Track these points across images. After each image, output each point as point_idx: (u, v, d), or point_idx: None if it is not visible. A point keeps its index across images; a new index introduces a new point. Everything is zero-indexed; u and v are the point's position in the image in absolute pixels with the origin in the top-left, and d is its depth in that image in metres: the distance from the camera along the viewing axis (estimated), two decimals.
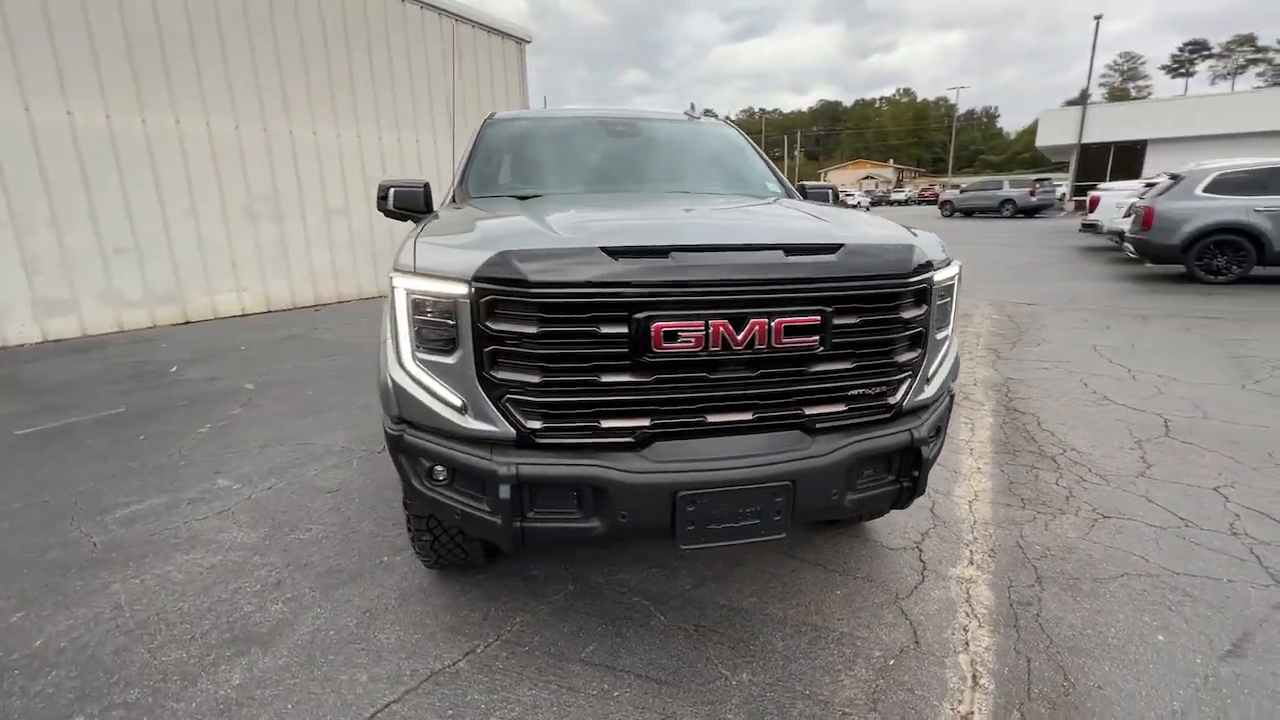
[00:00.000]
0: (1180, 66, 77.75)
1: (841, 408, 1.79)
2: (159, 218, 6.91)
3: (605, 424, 1.66)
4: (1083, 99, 32.56)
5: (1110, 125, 29.22)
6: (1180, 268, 9.26)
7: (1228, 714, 1.76)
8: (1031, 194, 28.38)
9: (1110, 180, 24.37)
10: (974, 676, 1.94)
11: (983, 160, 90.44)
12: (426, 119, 9.43)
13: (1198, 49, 76.74)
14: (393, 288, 1.76)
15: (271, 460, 3.52)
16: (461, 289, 1.62)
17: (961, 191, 32.59)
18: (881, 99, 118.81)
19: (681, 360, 1.62)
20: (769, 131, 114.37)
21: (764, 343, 1.62)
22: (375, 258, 9.08)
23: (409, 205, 2.87)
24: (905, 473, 1.90)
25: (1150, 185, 11.54)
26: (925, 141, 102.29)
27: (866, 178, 75.34)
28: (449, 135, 9.79)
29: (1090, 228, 14.40)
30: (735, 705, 1.83)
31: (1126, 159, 29.03)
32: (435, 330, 1.71)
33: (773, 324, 1.61)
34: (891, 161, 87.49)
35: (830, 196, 3.33)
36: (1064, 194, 32.27)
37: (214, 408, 4.41)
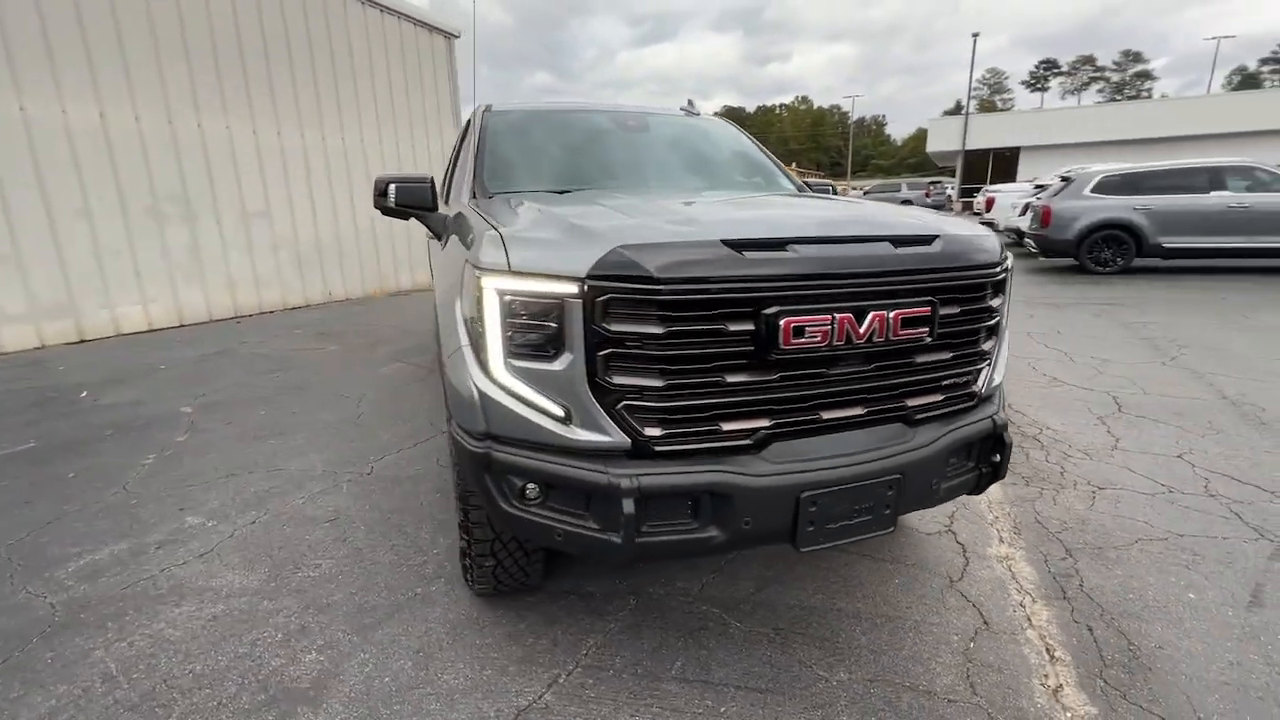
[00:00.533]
0: (1037, 82, 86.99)
1: (939, 397, 1.81)
2: (43, 219, 5.99)
3: (726, 427, 1.58)
4: (958, 110, 35.59)
5: (988, 134, 32.16)
6: (1072, 260, 10.29)
7: (1272, 659, 1.94)
8: (927, 195, 30.68)
9: (991, 182, 26.82)
10: (1048, 650, 2.02)
11: (874, 164, 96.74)
12: (353, 116, 8.80)
13: (1050, 67, 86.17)
14: (481, 290, 1.58)
15: (244, 491, 3.12)
16: (571, 288, 1.49)
17: (865, 193, 34.70)
18: (781, 105, 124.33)
19: (805, 356, 1.56)
20: None
21: (882, 335, 1.60)
22: (301, 263, 8.36)
23: (414, 202, 2.65)
24: (985, 458, 1.94)
25: (1041, 187, 12.76)
26: (823, 146, 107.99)
27: None
28: (379, 134, 9.20)
29: (986, 226, 15.73)
30: (843, 706, 1.80)
31: (1003, 163, 32.09)
32: (534, 335, 1.55)
33: (890, 316, 1.60)
34: (795, 165, 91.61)
35: (832, 192, 3.40)
36: (951, 195, 35.17)
37: (150, 435, 3.87)
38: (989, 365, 1.93)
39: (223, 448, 3.68)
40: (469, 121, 3.53)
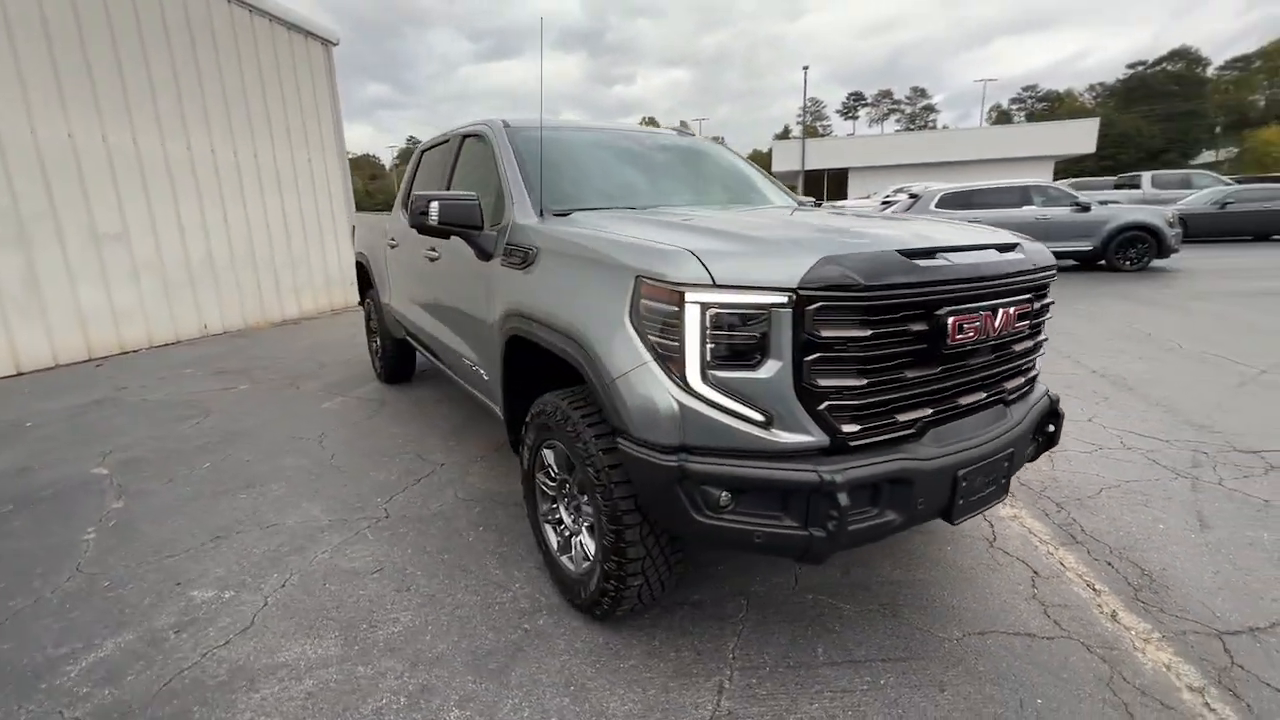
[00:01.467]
0: (848, 111, 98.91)
1: (1023, 380, 2.13)
2: None
3: (901, 418, 1.74)
4: (786, 134, 39.58)
5: (823, 156, 36.04)
6: None
7: (1239, 565, 2.50)
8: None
9: (827, 199, 30.08)
10: (1090, 585, 2.42)
11: None
12: (223, 125, 7.80)
13: (858, 99, 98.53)
14: (684, 304, 1.60)
15: (247, 554, 2.71)
16: (779, 298, 1.58)
17: None
18: None
19: (962, 350, 1.79)
20: None
21: (1005, 328, 1.87)
22: (169, 293, 7.22)
23: (460, 220, 2.54)
24: (1042, 429, 2.31)
25: (888, 203, 14.61)
26: None
27: None
28: (254, 146, 8.24)
29: None
30: (975, 657, 2.04)
31: (835, 182, 36.13)
32: (738, 345, 1.61)
33: (1011, 311, 1.87)
34: None
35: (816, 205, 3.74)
36: None
37: (69, 506, 3.18)
38: (1041, 353, 2.30)
39: (184, 509, 3.13)
40: (466, 138, 3.40)
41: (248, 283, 8.26)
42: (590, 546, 2.14)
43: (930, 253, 1.76)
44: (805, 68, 36.51)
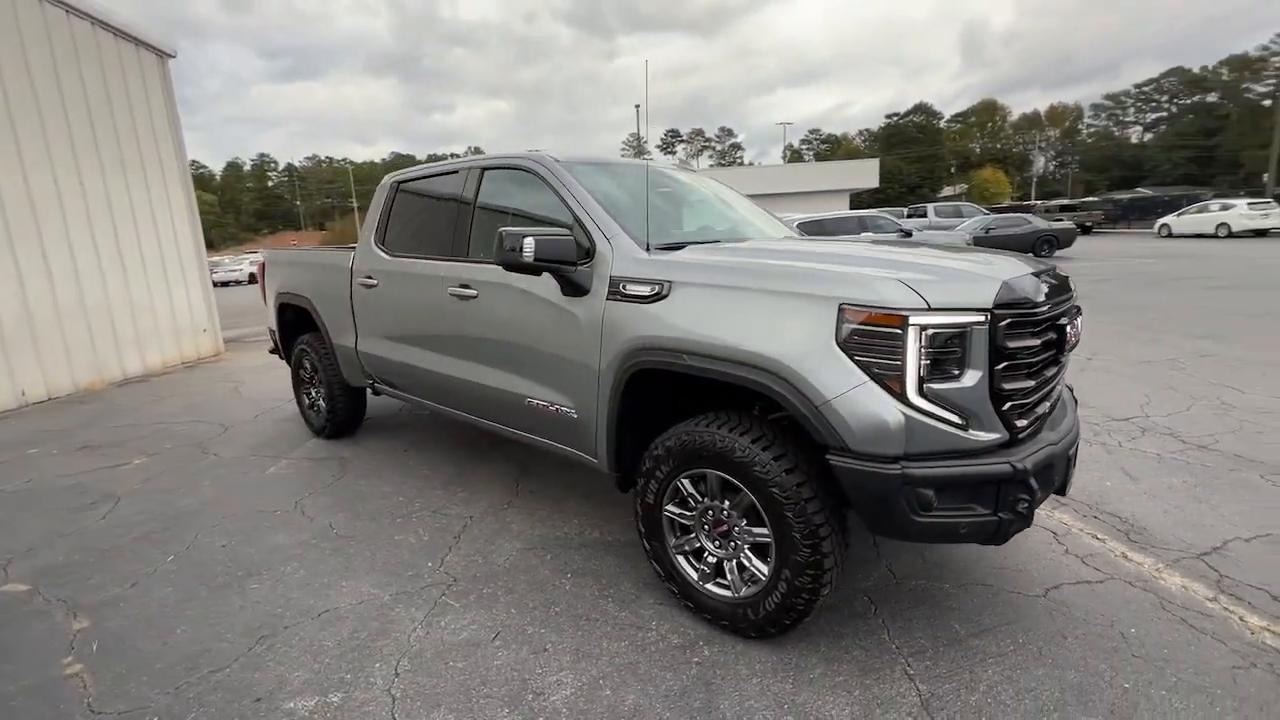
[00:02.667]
0: (667, 147, 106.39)
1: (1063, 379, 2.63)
2: None
3: (1037, 412, 2.10)
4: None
5: None
6: None
7: (1170, 503, 3.26)
8: None
9: None
10: (1096, 536, 3.01)
11: None
12: (37, 146, 6.34)
13: (675, 135, 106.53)
14: (906, 327, 1.79)
15: (316, 650, 2.31)
16: (978, 317, 1.85)
17: None
18: (453, 154, 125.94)
19: (1065, 354, 2.20)
20: (345, 182, 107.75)
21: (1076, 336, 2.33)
22: None
23: (558, 256, 2.52)
24: None
25: None
26: None
27: None
28: (79, 173, 6.80)
29: None
30: (1067, 607, 2.45)
31: None
32: (948, 359, 1.84)
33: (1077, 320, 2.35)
34: None
35: None
36: None
37: (16, 633, 2.43)
38: None
39: (182, 613, 2.56)
40: (489, 170, 3.27)
41: (76, 338, 6.73)
42: (761, 567, 2.20)
43: (1039, 275, 2.16)
44: (637, 105, 38.83)
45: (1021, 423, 1.98)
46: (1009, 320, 1.89)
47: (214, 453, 4.56)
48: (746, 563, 2.25)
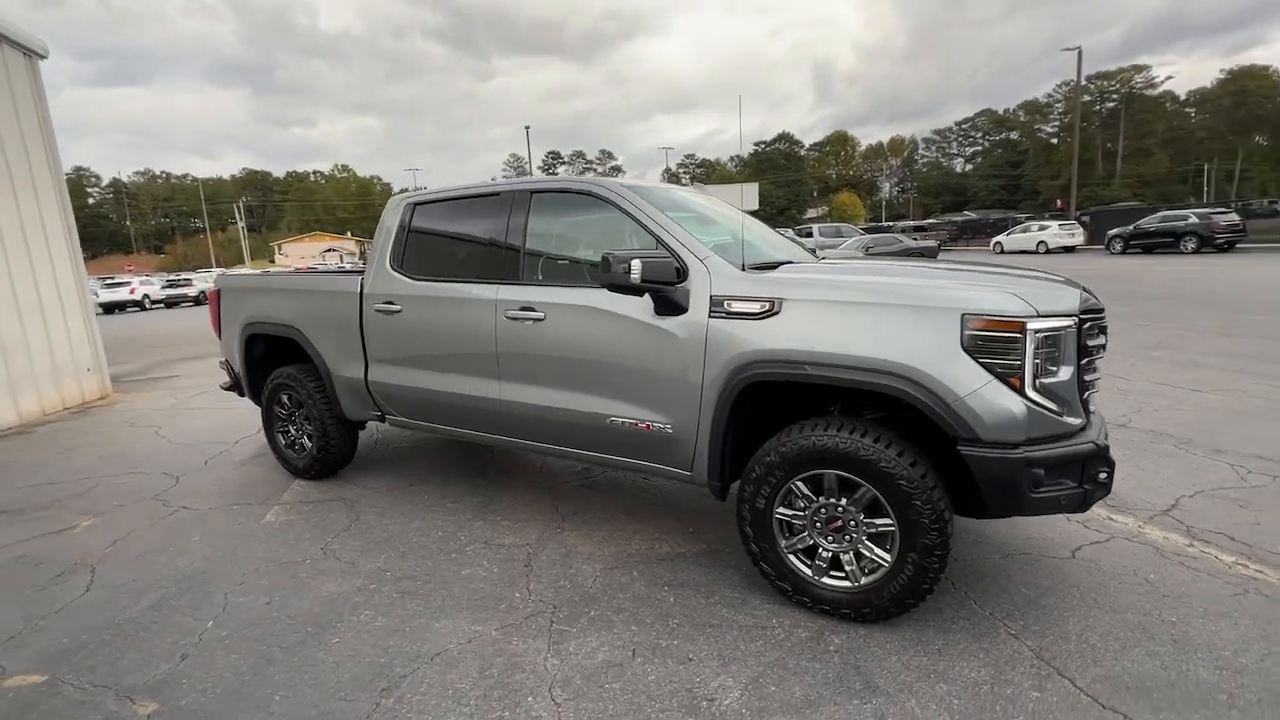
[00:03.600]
0: (549, 168, 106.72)
1: None
2: None
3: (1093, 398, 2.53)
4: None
5: None
6: None
7: (1120, 470, 3.94)
8: None
9: None
10: None
11: None
12: None
13: (556, 157, 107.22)
14: (1025, 331, 2.12)
15: (455, 693, 2.19)
16: (1070, 322, 2.23)
17: None
18: (316, 172, 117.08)
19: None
20: (187, 200, 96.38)
21: None
22: None
23: (660, 277, 2.66)
24: None
25: None
26: (373, 215, 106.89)
27: (329, 250, 73.34)
28: None
29: None
30: (1094, 564, 2.91)
31: None
32: (1051, 356, 2.20)
33: None
34: (349, 234, 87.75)
35: None
36: None
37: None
38: None
39: (267, 679, 2.30)
40: (540, 193, 3.27)
41: None
42: (883, 555, 2.42)
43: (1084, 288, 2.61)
44: (527, 126, 38.78)
45: (1091, 408, 2.39)
46: (1089, 323, 2.28)
47: (182, 505, 4.02)
48: (866, 553, 2.47)
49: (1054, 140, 76.29)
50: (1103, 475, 2.29)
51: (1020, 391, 2.17)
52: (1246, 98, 59.25)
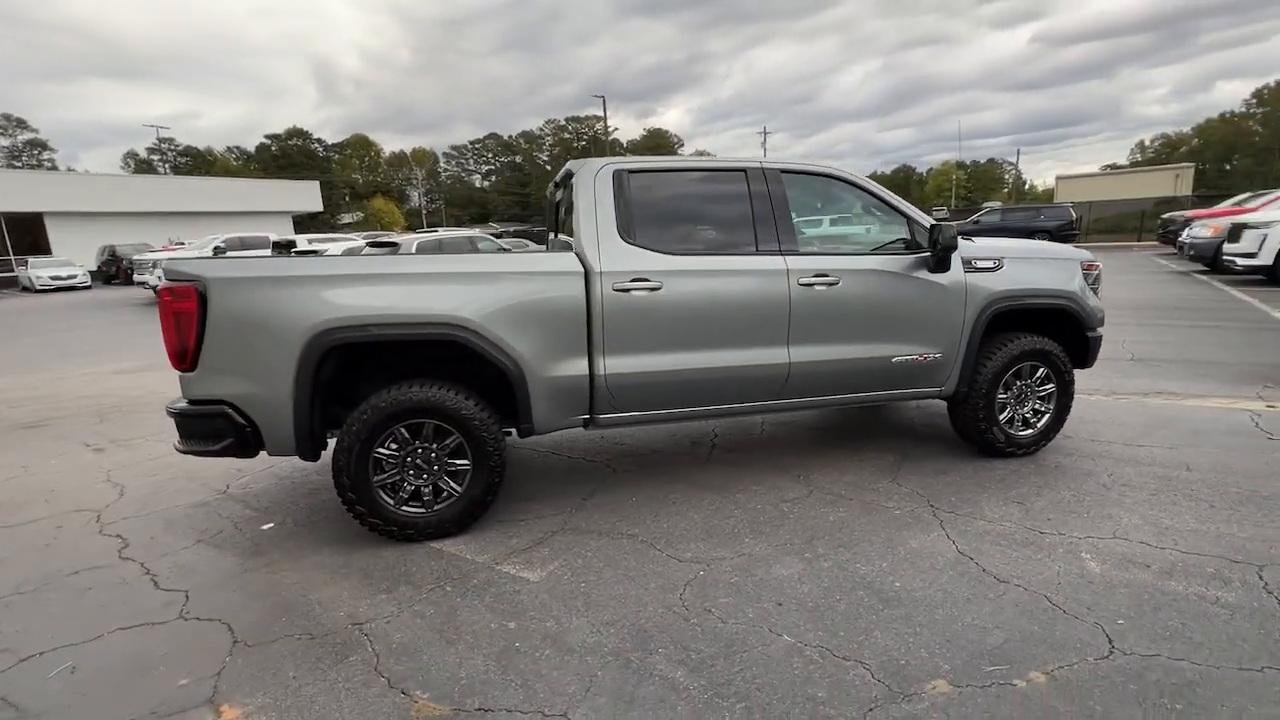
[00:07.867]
0: None
1: None
2: None
3: None
4: None
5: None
6: None
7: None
8: None
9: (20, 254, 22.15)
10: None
11: None
12: None
13: None
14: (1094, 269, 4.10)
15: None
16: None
17: None
18: None
19: None
20: None
21: None
22: None
23: (953, 245, 3.71)
24: None
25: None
26: None
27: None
28: None
29: None
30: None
31: (24, 229, 26.19)
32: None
33: None
34: None
35: None
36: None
37: None
38: None
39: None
40: (773, 171, 3.60)
41: None
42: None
43: None
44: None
45: None
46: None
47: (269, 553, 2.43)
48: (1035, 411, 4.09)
49: (549, 166, 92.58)
50: None
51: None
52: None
